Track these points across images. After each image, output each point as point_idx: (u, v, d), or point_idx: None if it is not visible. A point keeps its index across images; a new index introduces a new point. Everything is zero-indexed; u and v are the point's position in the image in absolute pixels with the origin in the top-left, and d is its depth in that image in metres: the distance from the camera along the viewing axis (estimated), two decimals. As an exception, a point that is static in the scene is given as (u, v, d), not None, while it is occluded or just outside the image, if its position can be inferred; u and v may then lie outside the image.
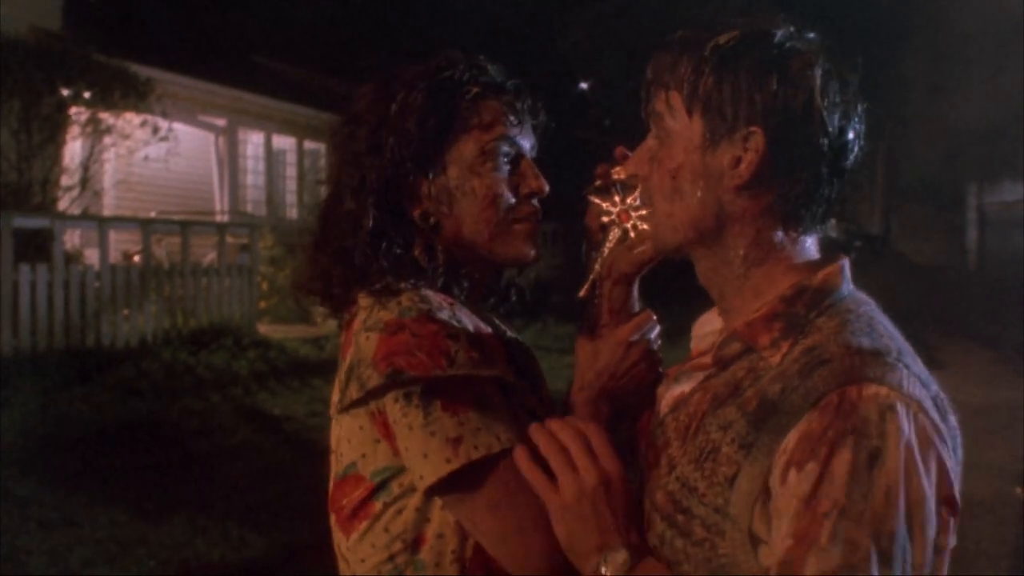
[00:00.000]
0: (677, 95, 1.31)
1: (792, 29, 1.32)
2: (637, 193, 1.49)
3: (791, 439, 1.17)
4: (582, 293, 1.60)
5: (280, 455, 7.52)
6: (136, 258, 12.41)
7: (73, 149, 13.33)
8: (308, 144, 19.30)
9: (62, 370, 9.23)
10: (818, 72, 1.27)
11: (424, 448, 1.38)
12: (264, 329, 13.03)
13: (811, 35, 1.33)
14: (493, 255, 1.59)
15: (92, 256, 11.98)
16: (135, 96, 12.91)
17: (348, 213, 1.55)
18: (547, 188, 1.59)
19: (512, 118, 1.58)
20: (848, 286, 1.32)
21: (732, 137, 1.27)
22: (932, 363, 1.40)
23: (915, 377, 1.19)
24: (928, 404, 1.18)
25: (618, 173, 1.49)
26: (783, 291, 1.30)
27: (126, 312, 10.89)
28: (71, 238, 12.95)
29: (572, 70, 21.70)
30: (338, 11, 23.68)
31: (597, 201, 1.56)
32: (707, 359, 1.36)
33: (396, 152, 1.54)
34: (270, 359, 11.04)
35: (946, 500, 1.17)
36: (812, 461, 1.14)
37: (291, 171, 19.24)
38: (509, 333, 1.67)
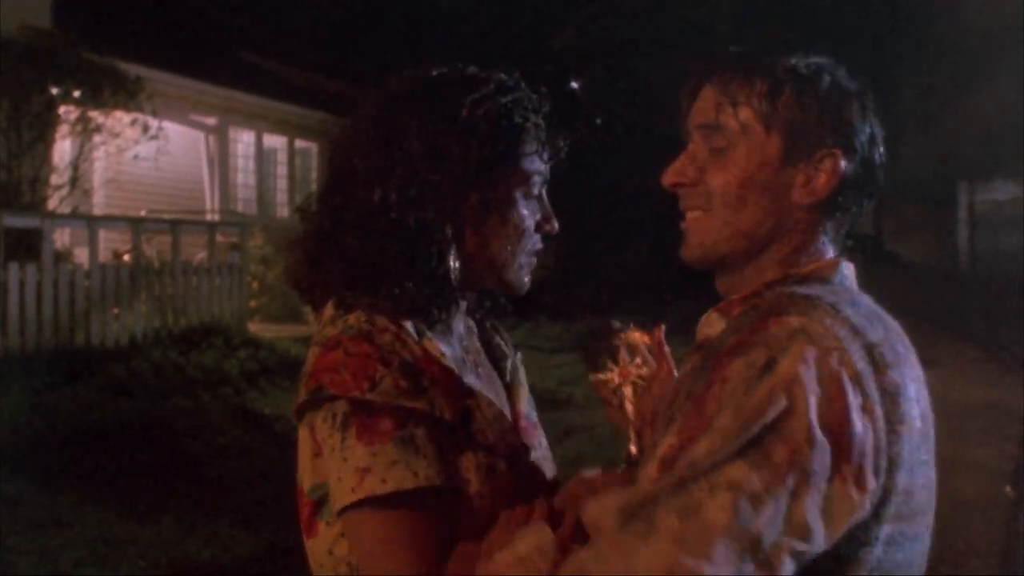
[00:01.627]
0: (749, 111, 1.35)
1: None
2: (628, 356, 1.64)
3: (719, 370, 1.21)
4: (634, 451, 1.66)
5: (270, 454, 7.49)
6: (126, 257, 12.38)
7: (63, 148, 13.28)
8: (299, 143, 19.26)
9: (51, 370, 9.20)
10: (871, 104, 1.39)
11: (338, 473, 1.36)
12: (254, 328, 13.01)
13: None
14: (500, 279, 1.57)
15: (82, 255, 11.94)
16: (125, 95, 12.86)
17: (377, 210, 1.48)
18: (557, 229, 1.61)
19: (550, 153, 1.58)
20: (843, 280, 1.37)
21: (810, 157, 1.34)
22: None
23: (844, 321, 1.22)
24: (851, 346, 1.19)
25: (672, 180, 1.44)
26: (768, 278, 1.37)
27: (116, 311, 10.85)
28: (61, 237, 12.90)
29: (564, 69, 21.69)
30: (330, 10, 23.65)
31: (601, 377, 1.67)
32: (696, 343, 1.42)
33: (461, 158, 1.47)
34: (260, 358, 11.02)
35: (833, 429, 1.14)
36: (714, 370, 1.20)
37: (282, 170, 19.20)
38: (471, 362, 1.61)
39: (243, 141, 18.15)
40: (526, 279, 1.59)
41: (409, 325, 1.46)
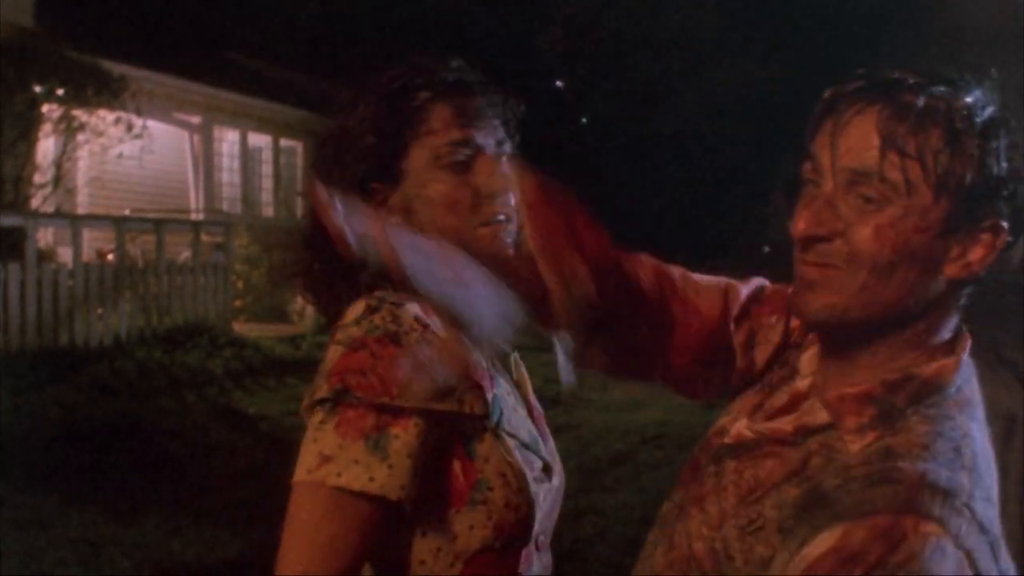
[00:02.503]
0: (918, 167, 1.13)
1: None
2: None
3: (820, 544, 1.08)
4: None
5: (255, 454, 7.48)
6: (110, 256, 12.33)
7: (46, 146, 13.23)
8: (284, 142, 19.22)
9: (35, 370, 9.16)
10: None
11: (306, 448, 1.37)
12: (239, 328, 12.98)
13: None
14: (471, 254, 1.54)
15: (65, 254, 11.90)
16: (108, 93, 12.82)
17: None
18: (508, 185, 1.52)
19: (464, 119, 1.53)
20: (959, 381, 1.22)
21: (975, 227, 1.16)
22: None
23: (976, 524, 1.09)
24: (982, 550, 1.08)
25: (809, 232, 1.22)
26: (888, 375, 1.20)
27: (100, 311, 10.81)
28: (44, 236, 12.86)
29: (548, 68, 21.70)
30: (313, 9, 23.60)
31: None
32: (787, 424, 1.26)
33: (356, 165, 1.53)
34: (245, 358, 10.99)
35: None
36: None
37: (267, 169, 19.15)
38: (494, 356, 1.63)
39: (228, 140, 18.11)
40: (494, 251, 1.53)
41: (436, 319, 1.46)
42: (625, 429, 8.52)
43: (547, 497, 1.54)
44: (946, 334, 1.23)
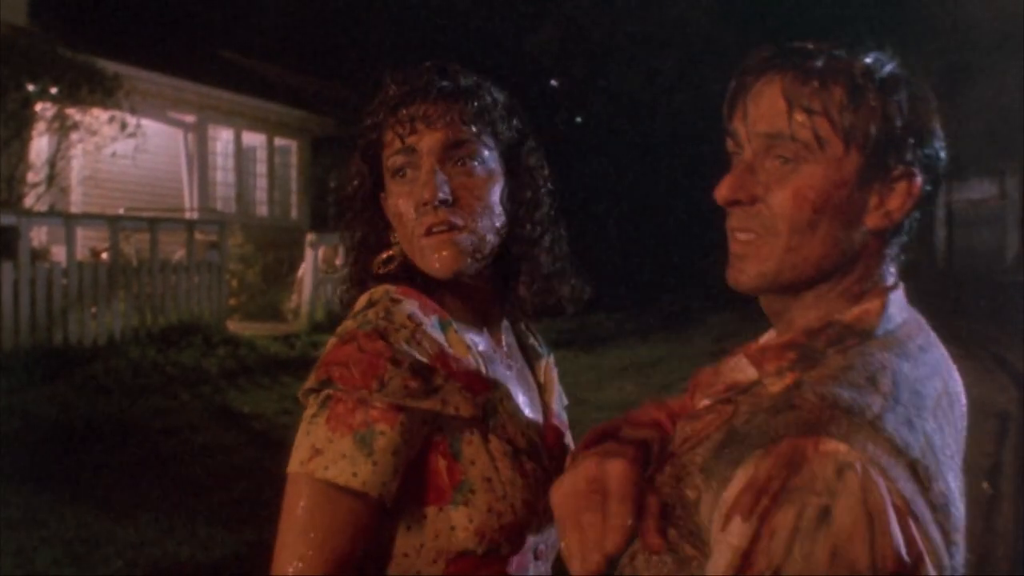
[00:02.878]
0: (826, 122, 1.20)
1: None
2: None
3: (737, 481, 1.11)
4: None
5: (249, 453, 7.47)
6: (104, 255, 12.32)
7: (40, 145, 13.21)
8: (278, 141, 19.21)
9: (29, 369, 9.15)
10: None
11: (299, 441, 1.41)
12: (234, 326, 12.97)
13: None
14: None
15: (59, 253, 11.87)
16: (102, 92, 12.81)
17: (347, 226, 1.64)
18: (438, 194, 1.48)
19: (402, 128, 1.52)
20: (887, 324, 1.25)
21: (887, 176, 1.22)
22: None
23: (886, 441, 1.10)
24: (896, 471, 1.09)
25: (729, 197, 1.28)
26: (811, 322, 1.25)
27: (94, 310, 10.81)
28: (38, 235, 12.84)
29: (542, 68, 21.71)
30: (307, 8, 23.58)
31: None
32: (720, 384, 1.31)
33: (364, 182, 1.60)
34: (240, 357, 10.99)
35: (888, 571, 1.04)
36: (754, 514, 1.07)
37: (261, 168, 19.14)
38: (505, 360, 1.63)
39: (222, 139, 18.10)
40: (433, 262, 1.51)
41: (434, 318, 1.49)
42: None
43: (550, 508, 1.53)
44: (875, 283, 1.27)
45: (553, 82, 22.34)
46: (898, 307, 1.28)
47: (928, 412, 1.19)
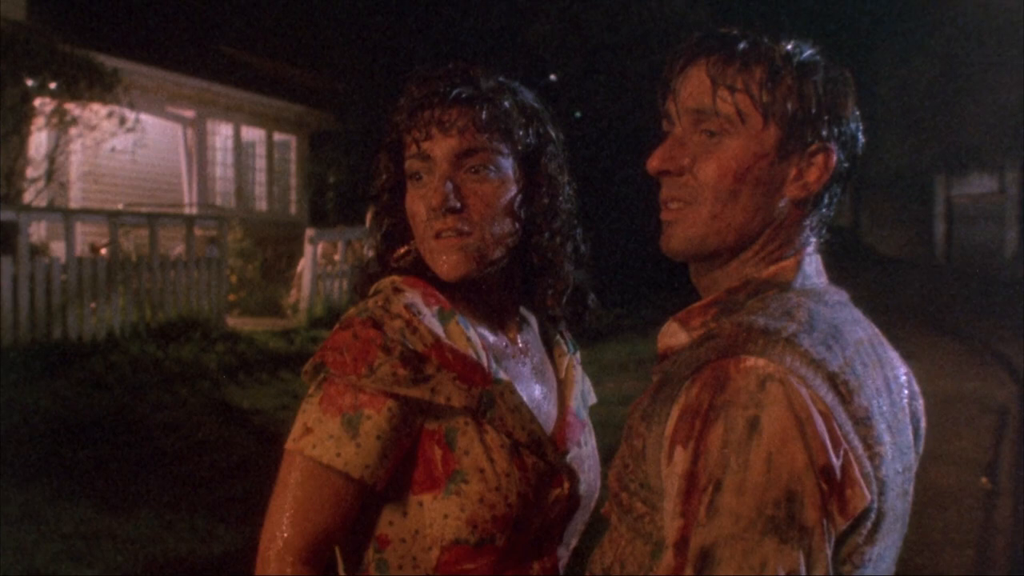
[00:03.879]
0: (747, 99, 1.30)
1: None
2: None
3: (674, 414, 1.19)
4: None
5: (248, 448, 7.47)
6: (103, 251, 12.31)
7: (39, 140, 13.21)
8: (277, 136, 19.21)
9: (28, 364, 9.15)
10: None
11: (296, 418, 1.48)
12: (233, 322, 12.97)
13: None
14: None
15: (58, 249, 11.88)
16: (101, 87, 12.79)
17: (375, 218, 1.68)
18: (444, 201, 1.51)
19: (418, 133, 1.54)
20: (804, 281, 1.33)
21: (804, 150, 1.31)
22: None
23: (803, 355, 1.17)
24: (815, 382, 1.16)
25: (658, 167, 1.39)
26: (733, 283, 1.34)
27: (93, 305, 10.80)
28: (37, 230, 12.84)
29: (541, 62, 21.68)
30: (306, 2, 23.55)
31: None
32: (660, 350, 1.40)
33: (390, 177, 1.64)
34: (239, 352, 10.99)
35: (822, 470, 1.11)
36: (690, 438, 1.15)
37: (260, 163, 19.14)
38: (524, 356, 1.65)
39: (221, 134, 18.09)
40: (440, 265, 1.54)
41: (435, 309, 1.52)
42: (618, 423, 8.49)
43: (557, 503, 1.55)
44: (793, 250, 1.35)
45: (552, 76, 22.32)
46: (815, 270, 1.36)
47: (849, 346, 1.25)
